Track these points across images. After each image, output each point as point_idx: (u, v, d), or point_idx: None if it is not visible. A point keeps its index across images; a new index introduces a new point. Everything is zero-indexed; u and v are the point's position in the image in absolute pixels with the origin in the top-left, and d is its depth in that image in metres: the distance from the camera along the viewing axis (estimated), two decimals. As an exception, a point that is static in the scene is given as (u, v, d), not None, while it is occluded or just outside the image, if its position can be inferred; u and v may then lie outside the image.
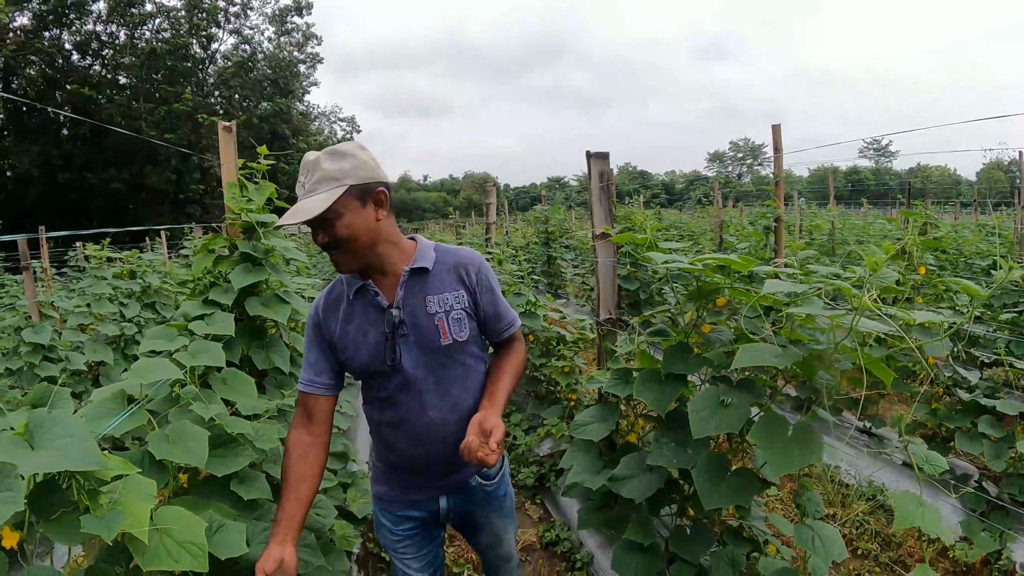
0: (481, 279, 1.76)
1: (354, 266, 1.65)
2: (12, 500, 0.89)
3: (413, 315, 1.68)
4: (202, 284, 2.00)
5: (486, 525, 1.99)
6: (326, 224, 1.56)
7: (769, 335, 1.65)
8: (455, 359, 1.73)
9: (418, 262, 1.70)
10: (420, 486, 1.84)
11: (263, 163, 2.20)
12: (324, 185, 1.55)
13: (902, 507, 1.32)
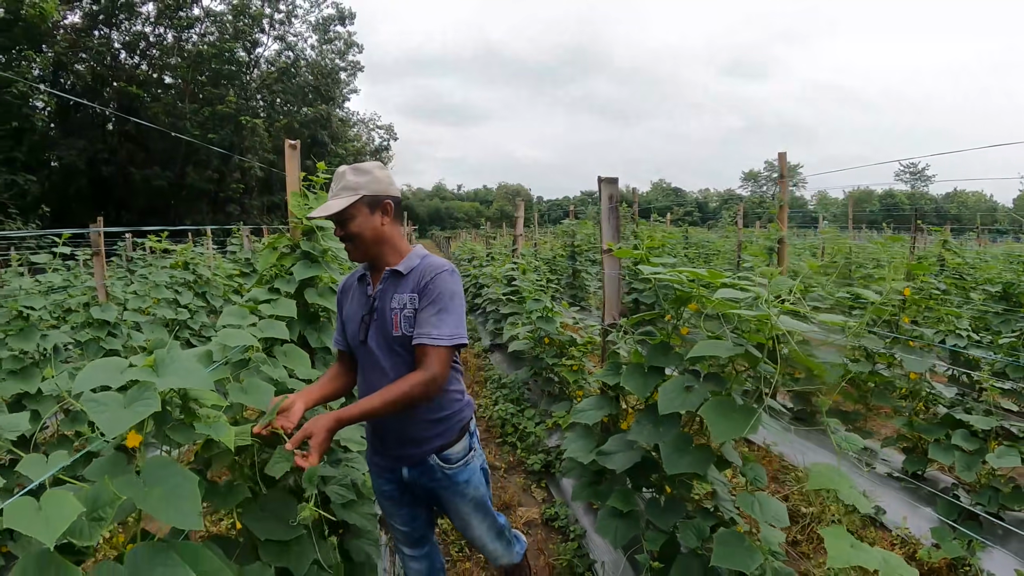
0: (427, 286, 2.01)
1: (358, 257, 2.10)
2: (152, 404, 1.31)
3: (382, 306, 2.06)
4: (268, 275, 2.45)
5: (450, 508, 2.29)
6: (342, 222, 2.01)
7: (727, 333, 2.02)
8: (405, 349, 2.03)
9: (399, 266, 2.07)
10: (384, 453, 2.21)
11: (321, 176, 2.63)
12: (345, 192, 2.01)
13: (817, 472, 1.68)
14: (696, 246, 14.70)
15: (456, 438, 2.18)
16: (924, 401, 4.04)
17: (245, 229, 8.37)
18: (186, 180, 36.60)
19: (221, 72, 39.10)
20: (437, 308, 1.99)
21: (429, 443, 2.13)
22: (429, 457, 2.15)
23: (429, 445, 2.14)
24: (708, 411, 1.81)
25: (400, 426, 2.11)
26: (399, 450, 2.16)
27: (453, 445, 2.18)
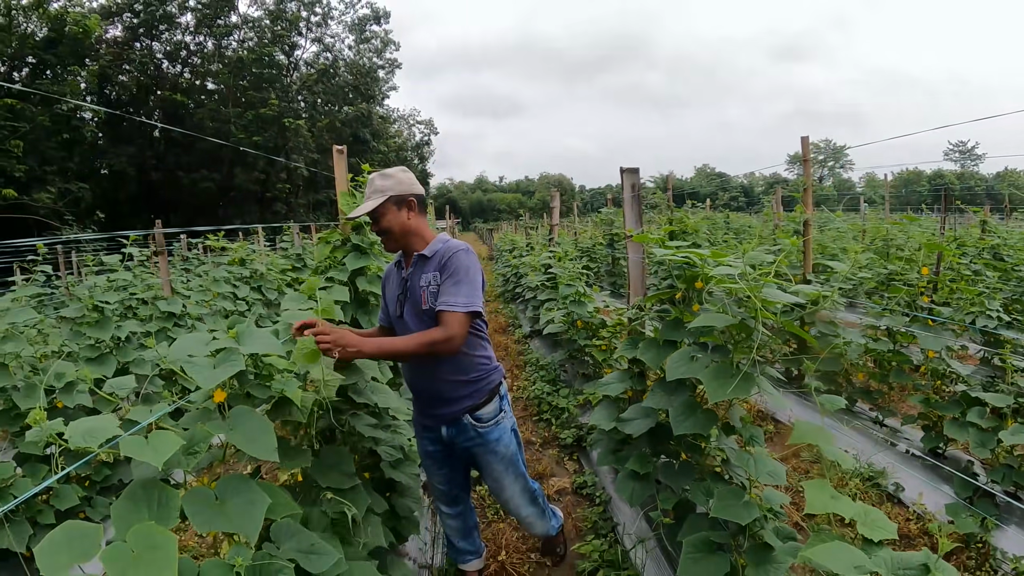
0: (446, 264, 2.38)
1: (392, 247, 2.50)
2: (238, 363, 1.61)
3: (413, 285, 2.44)
4: (323, 265, 2.77)
5: (484, 466, 2.65)
6: (376, 219, 2.43)
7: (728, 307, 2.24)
8: (433, 320, 2.35)
9: (425, 251, 2.45)
10: (425, 413, 2.60)
11: (366, 177, 2.94)
12: (375, 195, 2.41)
13: (799, 428, 1.91)
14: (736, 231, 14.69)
15: (486, 400, 2.54)
16: (942, 379, 4.16)
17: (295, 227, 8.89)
18: (234, 182, 37.69)
19: (262, 76, 40.11)
20: (454, 280, 2.33)
21: (460, 403, 2.50)
22: (463, 417, 2.51)
23: (460, 405, 2.50)
24: (706, 375, 2.05)
25: (434, 387, 2.50)
26: (437, 409, 2.53)
27: (484, 406, 2.53)
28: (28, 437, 1.32)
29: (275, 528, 1.64)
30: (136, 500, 1.41)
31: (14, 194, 23.93)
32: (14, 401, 3.59)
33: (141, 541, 1.28)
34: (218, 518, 1.43)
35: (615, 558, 3.03)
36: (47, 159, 27.90)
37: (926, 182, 65.67)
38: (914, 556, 1.46)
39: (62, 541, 1.28)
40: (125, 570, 1.22)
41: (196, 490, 1.50)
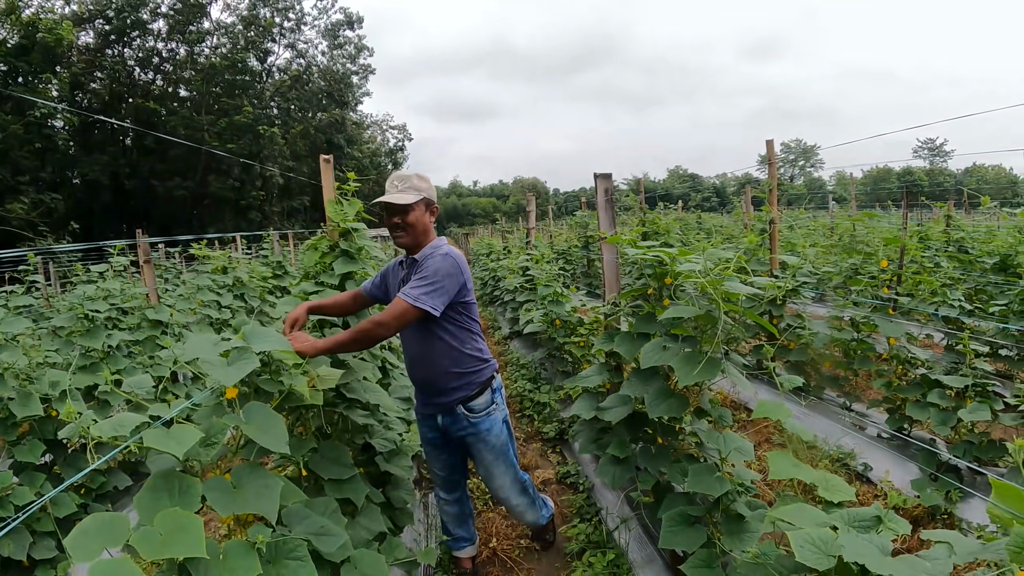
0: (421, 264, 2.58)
1: (407, 241, 2.64)
2: (253, 361, 1.75)
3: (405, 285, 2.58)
4: (313, 271, 2.91)
5: (476, 455, 2.84)
6: (405, 212, 2.59)
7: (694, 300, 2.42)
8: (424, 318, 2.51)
9: (418, 255, 2.65)
10: (424, 401, 2.82)
11: (352, 186, 3.08)
12: (413, 191, 2.60)
13: (761, 404, 2.09)
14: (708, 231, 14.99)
15: (478, 392, 2.74)
16: (904, 364, 4.39)
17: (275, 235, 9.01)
18: (208, 189, 37.40)
19: (235, 83, 39.85)
20: (419, 277, 2.51)
21: (453, 394, 2.70)
22: (457, 407, 2.72)
23: (454, 396, 2.71)
24: (676, 362, 2.23)
25: (429, 378, 2.72)
26: (433, 398, 2.75)
27: (476, 398, 2.73)
28: (63, 433, 1.45)
29: (286, 513, 1.78)
30: (157, 490, 1.54)
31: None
32: (10, 410, 3.66)
33: (169, 524, 1.41)
34: (237, 502, 1.57)
35: (600, 539, 3.21)
36: (20, 169, 27.55)
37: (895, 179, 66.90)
38: (868, 510, 1.64)
39: (92, 529, 1.41)
40: (158, 550, 1.35)
41: (214, 479, 1.64)
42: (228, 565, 1.47)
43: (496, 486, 2.92)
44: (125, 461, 4.38)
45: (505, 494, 2.94)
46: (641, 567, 2.85)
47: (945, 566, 1.38)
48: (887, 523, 1.59)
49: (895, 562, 1.38)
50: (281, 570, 1.60)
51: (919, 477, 3.87)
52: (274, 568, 1.59)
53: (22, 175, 27.53)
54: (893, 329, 4.26)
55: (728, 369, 2.26)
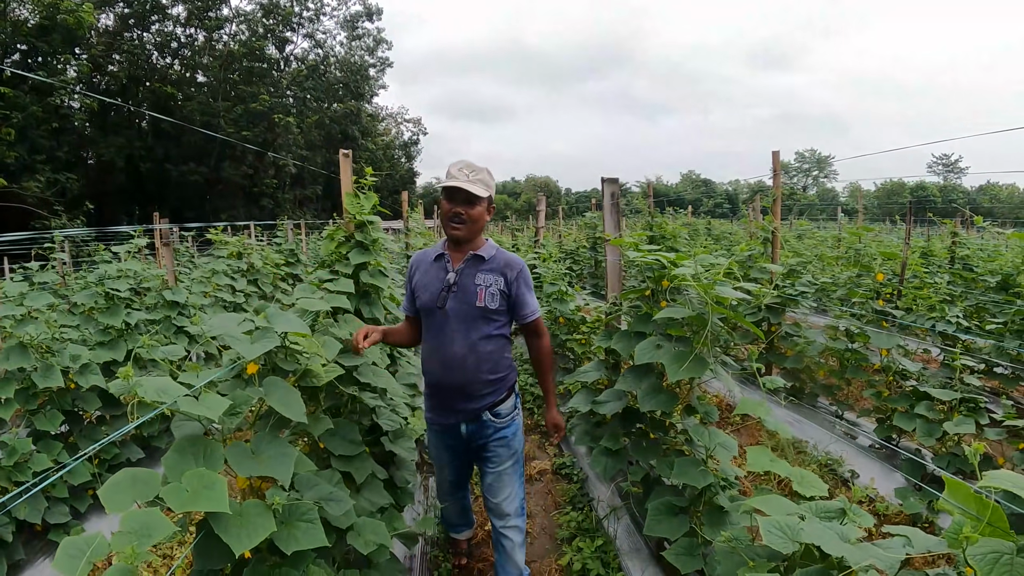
0: (519, 276, 2.63)
1: (464, 233, 2.58)
2: (274, 339, 1.90)
3: (463, 281, 2.59)
4: (329, 260, 3.06)
5: (493, 462, 2.72)
6: (470, 203, 2.54)
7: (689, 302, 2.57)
8: (482, 319, 2.58)
9: (481, 252, 2.63)
10: (447, 409, 2.70)
11: (369, 180, 3.23)
12: (482, 184, 2.54)
13: (744, 401, 2.23)
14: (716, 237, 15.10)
15: (505, 396, 2.70)
16: (895, 376, 4.52)
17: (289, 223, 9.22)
18: (221, 175, 37.65)
19: (252, 70, 40.04)
20: (526, 291, 2.64)
21: (484, 400, 2.64)
22: (484, 413, 2.66)
23: (484, 402, 2.65)
24: (667, 359, 2.37)
25: (465, 384, 2.61)
26: (459, 405, 2.66)
27: (503, 403, 2.69)
28: (111, 388, 1.60)
29: (298, 480, 1.94)
30: (184, 453, 1.69)
31: (4, 182, 23.88)
32: (32, 380, 3.84)
33: (196, 482, 1.56)
34: (257, 466, 1.72)
35: (590, 527, 3.36)
36: (36, 148, 27.80)
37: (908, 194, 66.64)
38: (834, 503, 1.78)
39: (124, 483, 1.55)
40: (186, 504, 1.50)
41: (236, 444, 1.79)
42: (247, 522, 1.62)
43: (502, 497, 2.75)
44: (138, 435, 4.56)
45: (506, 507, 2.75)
46: (627, 555, 2.99)
47: (898, 553, 1.52)
48: (851, 515, 1.72)
49: (850, 546, 1.51)
50: (293, 531, 1.75)
51: (904, 486, 3.98)
52: (286, 529, 1.75)
53: (38, 154, 27.83)
54: (885, 341, 4.39)
55: (717, 369, 2.40)
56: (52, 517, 3.76)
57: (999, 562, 1.23)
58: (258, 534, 1.59)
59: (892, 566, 1.45)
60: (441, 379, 2.65)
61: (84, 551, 1.36)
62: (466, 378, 2.60)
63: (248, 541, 1.56)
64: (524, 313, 2.68)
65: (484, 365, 2.60)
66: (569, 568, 3.12)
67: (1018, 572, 1.20)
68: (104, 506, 1.48)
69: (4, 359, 3.83)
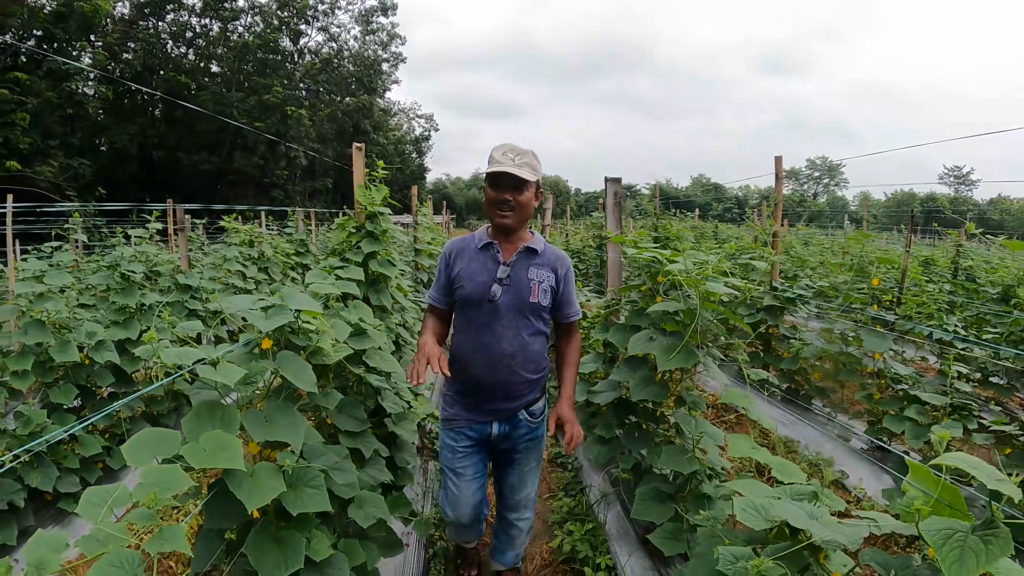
0: (567, 274, 2.54)
1: (512, 221, 2.43)
2: (287, 315, 2.03)
3: (516, 274, 2.46)
4: (340, 248, 3.19)
5: (521, 461, 2.64)
6: (518, 189, 2.38)
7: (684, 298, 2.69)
8: (534, 315, 2.47)
9: (532, 244, 2.50)
10: (480, 408, 2.55)
11: (381, 173, 3.36)
12: (530, 168, 2.36)
13: (730, 392, 2.35)
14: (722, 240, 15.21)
15: (540, 395, 2.63)
16: (886, 379, 4.62)
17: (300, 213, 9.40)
18: (233, 165, 37.98)
19: (266, 62, 40.37)
20: (572, 290, 2.58)
21: (523, 399, 2.55)
22: (519, 412, 2.56)
23: (522, 401, 2.55)
24: (658, 350, 2.49)
25: (507, 383, 2.49)
26: (497, 404, 2.53)
27: (538, 401, 2.62)
28: (137, 352, 1.73)
29: (307, 449, 2.07)
30: (201, 417, 1.82)
31: (18, 166, 24.23)
32: (49, 354, 3.99)
33: (213, 443, 1.69)
34: (270, 431, 1.85)
35: (582, 512, 3.49)
36: (50, 133, 28.14)
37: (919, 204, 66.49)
38: (807, 487, 1.89)
39: (145, 441, 1.68)
40: (204, 461, 1.63)
41: (250, 412, 1.92)
42: (258, 482, 1.75)
43: (524, 495, 2.73)
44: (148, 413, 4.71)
45: (523, 505, 2.75)
46: (616, 539, 3.11)
47: (861, 531, 1.63)
48: (822, 497, 1.84)
49: (817, 523, 1.63)
50: (300, 495, 1.88)
51: (891, 487, 4.09)
52: (294, 492, 1.88)
53: (52, 139, 28.15)
54: (878, 344, 4.49)
55: (707, 361, 2.52)
56: (63, 487, 3.90)
57: (952, 538, 1.29)
58: (268, 493, 1.71)
59: (855, 541, 1.56)
60: (483, 377, 2.50)
61: (106, 499, 1.48)
62: (511, 377, 2.48)
63: (259, 499, 1.69)
64: (568, 312, 2.61)
65: (530, 364, 2.50)
66: (559, 550, 3.24)
67: (970, 549, 1.25)
68: (126, 460, 1.61)
69: (22, 333, 3.98)
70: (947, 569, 1.20)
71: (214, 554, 1.93)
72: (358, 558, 2.18)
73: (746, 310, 5.73)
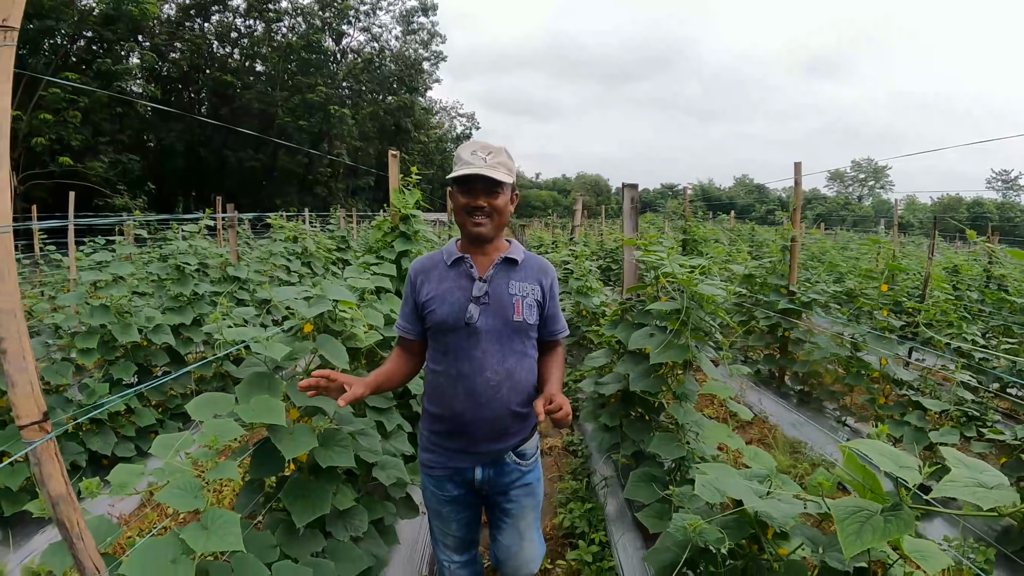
0: (553, 285, 2.20)
1: (489, 230, 2.07)
2: (327, 304, 2.38)
3: (497, 290, 2.08)
4: (376, 247, 3.56)
5: (513, 513, 2.20)
6: (493, 193, 2.03)
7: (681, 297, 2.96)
8: (519, 335, 2.09)
9: (510, 254, 2.14)
10: (461, 451, 2.13)
11: (414, 178, 3.71)
12: (505, 168, 2.04)
13: (710, 383, 2.63)
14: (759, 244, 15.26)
15: (531, 434, 2.22)
16: (891, 384, 4.81)
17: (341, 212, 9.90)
18: (277, 163, 38.98)
19: (309, 62, 41.28)
20: (558, 304, 2.24)
21: (511, 438, 2.14)
22: (506, 455, 2.15)
23: (510, 441, 2.14)
24: (653, 344, 2.78)
25: (494, 420, 2.09)
26: (480, 447, 2.12)
27: (528, 441, 2.20)
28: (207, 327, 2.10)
29: (338, 416, 2.42)
30: (252, 385, 2.17)
31: (70, 162, 25.41)
32: (112, 335, 4.44)
33: (262, 405, 2.04)
34: (308, 400, 2.20)
35: (584, 494, 3.79)
36: (100, 130, 29.33)
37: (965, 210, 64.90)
38: (764, 471, 2.16)
39: (206, 402, 2.02)
40: (253, 417, 1.98)
41: (293, 382, 2.27)
42: (296, 438, 2.10)
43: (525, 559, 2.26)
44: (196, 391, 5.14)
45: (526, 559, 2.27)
46: (612, 519, 3.40)
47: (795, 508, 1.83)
48: (775, 480, 2.10)
49: (760, 499, 1.89)
50: (329, 451, 2.23)
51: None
52: (324, 450, 2.23)
53: (103, 135, 29.35)
54: (885, 349, 4.69)
55: (700, 356, 2.80)
56: (120, 451, 4.32)
57: (856, 515, 1.41)
58: (304, 447, 2.07)
59: (787, 515, 1.80)
60: (463, 414, 2.09)
61: (174, 443, 1.83)
62: (496, 412, 2.09)
63: (295, 451, 2.04)
64: (555, 328, 2.26)
65: (517, 396, 2.10)
66: (560, 525, 3.56)
67: (870, 525, 1.36)
68: (191, 415, 1.97)
69: (89, 316, 4.43)
70: (843, 541, 1.33)
71: (254, 502, 2.29)
72: (377, 512, 2.53)
73: (762, 313, 5.94)
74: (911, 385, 4.81)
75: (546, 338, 2.24)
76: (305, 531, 2.26)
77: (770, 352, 6.27)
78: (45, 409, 1.33)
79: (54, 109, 25.68)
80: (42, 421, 1.32)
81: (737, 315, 6.44)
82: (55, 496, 1.38)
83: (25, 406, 1.30)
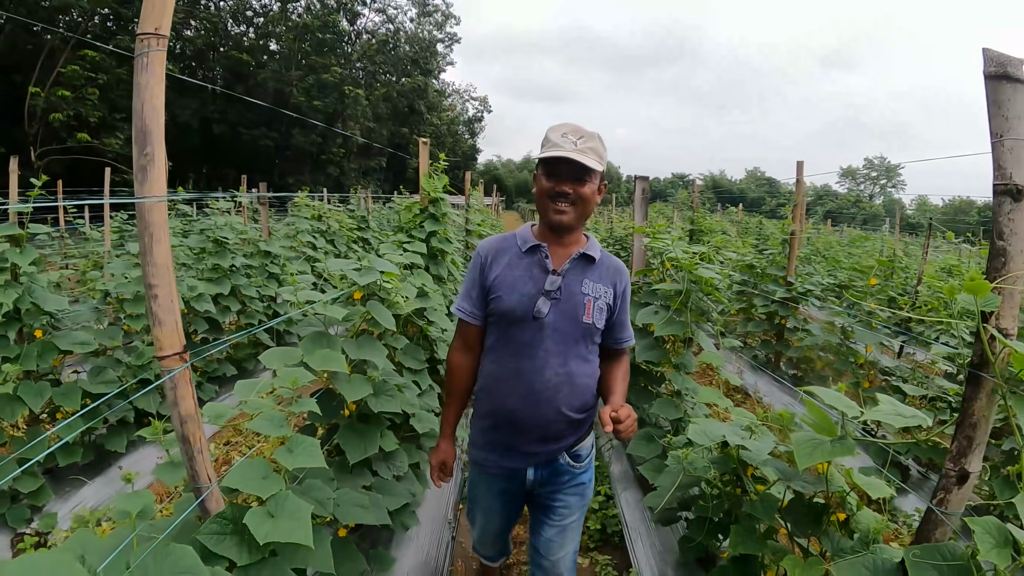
0: (626, 290, 2.07)
1: (572, 219, 1.94)
2: (375, 274, 2.76)
3: (570, 286, 1.96)
4: (407, 226, 3.93)
5: (561, 508, 2.13)
6: (580, 180, 1.90)
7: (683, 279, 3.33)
8: (585, 339, 1.98)
9: (589, 250, 2.00)
10: (516, 451, 2.06)
11: (442, 164, 4.07)
12: (595, 155, 1.88)
13: (706, 353, 3.00)
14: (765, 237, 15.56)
15: (586, 433, 2.14)
16: (876, 370, 5.17)
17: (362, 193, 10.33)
18: (291, 141, 39.26)
19: (324, 42, 41.40)
20: (628, 310, 2.13)
21: (565, 439, 2.06)
22: (560, 456, 2.08)
23: (564, 442, 2.06)
24: (656, 321, 3.16)
25: (549, 421, 2.00)
26: (534, 447, 2.05)
27: (583, 440, 2.13)
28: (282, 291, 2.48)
29: (384, 370, 2.81)
30: (313, 342, 2.55)
31: (87, 138, 25.82)
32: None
33: (326, 356, 2.42)
34: (361, 353, 2.59)
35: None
36: (116, 107, 29.65)
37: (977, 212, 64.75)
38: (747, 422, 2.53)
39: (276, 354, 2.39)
40: (320, 364, 2.36)
41: (348, 339, 2.66)
42: (353, 385, 2.48)
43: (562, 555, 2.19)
44: (233, 357, 5.55)
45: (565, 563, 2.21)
46: (617, 479, 3.79)
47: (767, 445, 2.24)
48: (755, 430, 2.47)
49: (739, 439, 2.27)
50: (380, 399, 2.62)
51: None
52: (375, 398, 2.62)
53: (119, 112, 29.67)
54: (869, 338, 5.06)
55: (697, 332, 3.18)
56: (164, 410, 4.71)
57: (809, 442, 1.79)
58: (361, 392, 2.45)
59: (761, 451, 2.20)
60: (517, 412, 2.01)
61: (254, 386, 2.21)
62: (551, 415, 1.99)
63: (357, 395, 2.43)
64: (621, 336, 2.15)
65: (575, 400, 2.00)
66: (570, 481, 3.96)
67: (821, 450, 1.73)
68: (264, 364, 2.34)
69: (137, 284, 4.82)
70: (799, 458, 1.72)
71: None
72: (414, 457, 2.93)
73: (761, 301, 6.31)
74: (894, 372, 5.17)
75: (612, 345, 2.13)
76: (355, 468, 2.66)
77: (767, 338, 6.65)
78: (184, 343, 1.70)
79: (72, 86, 26.02)
80: (182, 352, 1.68)
81: (737, 302, 6.81)
82: (184, 415, 1.73)
83: (169, 340, 1.66)
